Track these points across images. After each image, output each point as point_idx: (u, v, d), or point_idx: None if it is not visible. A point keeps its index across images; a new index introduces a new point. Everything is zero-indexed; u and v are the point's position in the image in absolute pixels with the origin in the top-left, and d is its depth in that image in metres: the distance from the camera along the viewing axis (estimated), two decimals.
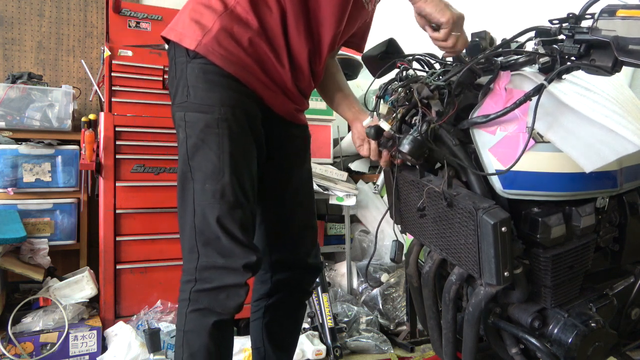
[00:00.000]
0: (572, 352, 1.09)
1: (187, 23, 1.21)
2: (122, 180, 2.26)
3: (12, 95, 2.41)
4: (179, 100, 1.20)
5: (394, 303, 2.58)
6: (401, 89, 1.17)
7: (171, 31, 1.23)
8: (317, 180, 2.68)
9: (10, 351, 1.97)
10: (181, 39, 1.20)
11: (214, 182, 1.16)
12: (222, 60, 1.17)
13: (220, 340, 1.19)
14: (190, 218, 1.18)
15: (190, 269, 1.19)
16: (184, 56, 1.19)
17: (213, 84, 1.17)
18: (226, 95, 1.18)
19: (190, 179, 1.18)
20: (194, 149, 1.18)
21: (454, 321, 1.24)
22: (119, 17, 2.45)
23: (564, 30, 1.05)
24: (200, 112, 1.17)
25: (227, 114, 1.17)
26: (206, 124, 1.16)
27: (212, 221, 1.15)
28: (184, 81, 1.19)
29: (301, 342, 2.15)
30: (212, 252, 1.17)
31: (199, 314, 1.17)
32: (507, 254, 1.02)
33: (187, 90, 1.19)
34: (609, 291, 1.25)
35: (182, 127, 1.20)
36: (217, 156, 1.16)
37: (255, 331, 1.48)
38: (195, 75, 1.18)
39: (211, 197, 1.16)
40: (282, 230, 1.44)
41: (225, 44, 1.17)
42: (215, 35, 1.17)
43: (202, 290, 1.17)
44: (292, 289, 1.47)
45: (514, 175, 1.09)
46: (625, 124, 1.03)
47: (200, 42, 1.17)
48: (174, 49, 1.23)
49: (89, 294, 2.22)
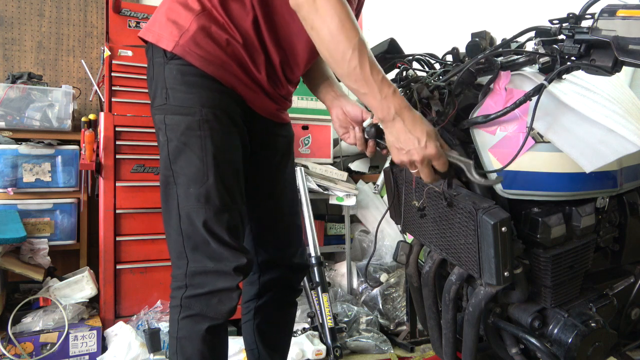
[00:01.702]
0: (572, 352, 1.09)
1: (164, 23, 1.17)
2: (122, 180, 2.26)
3: (12, 95, 2.41)
4: (158, 102, 1.18)
5: (394, 303, 2.58)
6: (401, 89, 1.17)
7: (148, 32, 1.20)
8: (317, 180, 2.68)
9: (10, 351, 1.97)
10: (158, 40, 1.17)
11: (198, 186, 1.13)
12: (201, 61, 1.14)
13: (215, 345, 1.18)
14: (176, 223, 1.15)
15: (179, 275, 1.16)
16: (162, 57, 1.16)
17: (192, 85, 1.14)
18: (206, 95, 1.14)
19: (173, 183, 1.15)
20: (176, 153, 1.15)
21: (454, 321, 1.24)
22: (119, 17, 2.45)
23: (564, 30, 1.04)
24: (181, 115, 1.14)
25: (209, 115, 1.14)
26: (187, 126, 1.13)
27: (199, 225, 1.12)
28: (162, 83, 1.16)
29: (301, 342, 2.16)
30: (201, 257, 1.14)
31: (191, 320, 1.15)
32: (507, 254, 1.02)
33: (165, 93, 1.16)
34: (609, 291, 1.25)
35: (162, 130, 1.17)
36: (200, 159, 1.13)
37: (247, 333, 1.47)
38: (174, 77, 1.15)
39: (196, 202, 1.13)
40: (268, 230, 1.42)
41: (203, 44, 1.14)
42: (193, 36, 1.14)
43: (194, 296, 1.15)
44: (281, 288, 1.46)
45: (514, 175, 1.09)
46: (625, 124, 1.03)
47: (178, 43, 1.14)
48: (151, 50, 1.20)
49: (89, 294, 2.22)
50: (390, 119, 1.00)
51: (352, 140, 1.24)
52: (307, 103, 2.82)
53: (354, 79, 0.99)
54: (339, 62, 0.99)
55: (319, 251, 2.35)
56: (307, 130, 2.84)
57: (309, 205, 2.48)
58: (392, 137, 1.02)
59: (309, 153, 2.84)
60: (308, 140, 2.84)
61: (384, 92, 0.99)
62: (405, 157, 1.01)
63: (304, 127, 2.83)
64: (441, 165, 1.01)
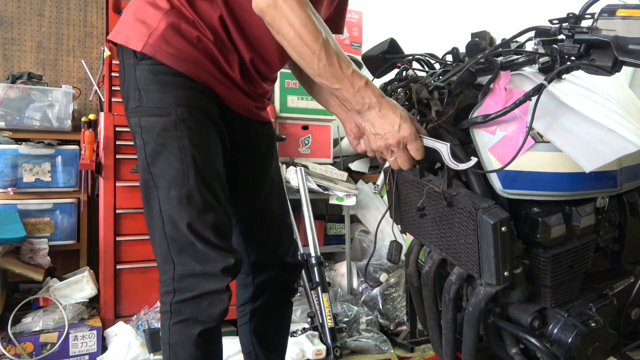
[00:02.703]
0: (572, 352, 1.09)
1: (132, 23, 1.15)
2: (122, 180, 2.26)
3: (12, 95, 2.41)
4: (132, 105, 1.15)
5: (394, 303, 2.58)
6: (401, 89, 1.17)
7: (117, 34, 1.18)
8: (317, 180, 2.68)
9: (10, 351, 1.97)
10: (127, 41, 1.14)
11: (179, 188, 1.10)
12: (172, 59, 1.11)
13: (208, 348, 1.16)
14: (159, 227, 1.12)
15: (167, 280, 1.14)
16: (132, 59, 1.14)
17: (165, 85, 1.12)
18: (180, 94, 1.12)
19: (153, 187, 1.13)
20: (154, 155, 1.12)
21: (454, 321, 1.24)
22: (119, 17, 2.43)
23: (564, 30, 1.04)
24: (156, 116, 1.12)
25: (185, 114, 1.11)
26: (163, 127, 1.11)
27: (183, 228, 1.10)
28: (135, 85, 1.13)
29: (301, 342, 2.16)
30: (187, 260, 1.11)
31: (182, 326, 1.12)
32: (507, 254, 1.02)
33: (139, 94, 1.13)
34: (609, 291, 1.25)
35: (138, 134, 1.14)
36: (179, 160, 1.10)
37: (244, 336, 1.45)
38: (145, 78, 1.12)
39: (178, 204, 1.10)
40: (258, 230, 1.40)
41: (173, 42, 1.12)
42: (162, 34, 1.11)
43: (183, 301, 1.12)
44: (276, 289, 1.44)
45: (514, 175, 1.09)
46: (625, 123, 1.03)
47: (147, 43, 1.11)
48: (121, 52, 1.17)
49: (89, 294, 2.22)
50: (365, 109, 1.03)
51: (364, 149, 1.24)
52: (307, 103, 2.82)
53: (326, 76, 1.01)
54: (309, 63, 1.01)
55: (319, 251, 2.35)
56: (307, 130, 2.84)
57: (309, 205, 2.48)
58: (368, 124, 1.05)
59: (309, 153, 2.84)
60: (308, 140, 2.84)
61: (356, 85, 1.01)
62: (382, 141, 1.04)
63: (304, 127, 2.83)
64: (417, 149, 1.03)
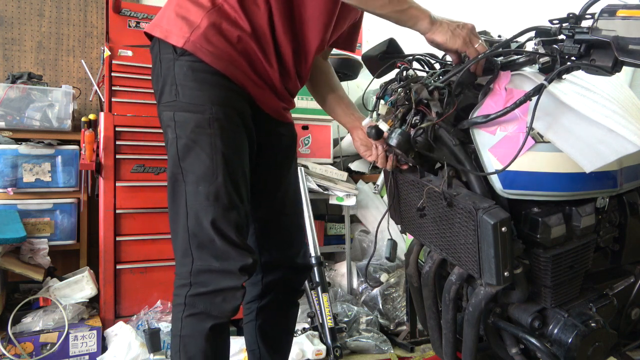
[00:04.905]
0: (572, 352, 1.09)
1: (173, 19, 1.17)
2: (122, 180, 2.26)
3: (12, 95, 2.41)
4: (167, 99, 1.17)
5: (394, 303, 2.58)
6: (401, 89, 1.16)
7: (156, 27, 1.20)
8: (317, 180, 2.68)
9: (10, 351, 1.97)
10: (167, 36, 1.16)
11: (208, 184, 1.13)
12: (211, 57, 1.14)
13: (218, 343, 1.18)
14: (183, 221, 1.15)
15: (184, 273, 1.16)
16: (171, 53, 1.16)
17: (202, 82, 1.14)
18: (216, 93, 1.15)
19: (181, 180, 1.15)
20: (185, 150, 1.15)
21: (454, 321, 1.24)
22: (119, 17, 2.44)
23: (564, 30, 1.05)
24: (191, 112, 1.14)
25: (219, 113, 1.14)
26: (197, 124, 1.13)
27: (207, 224, 1.12)
28: (172, 79, 1.16)
29: (301, 342, 2.16)
30: (206, 256, 1.14)
31: (195, 319, 1.15)
32: (507, 254, 1.02)
33: (175, 89, 1.15)
34: (609, 291, 1.25)
35: (171, 127, 1.17)
36: (210, 157, 1.13)
37: (249, 334, 1.47)
38: (184, 74, 1.15)
39: (205, 200, 1.13)
40: (272, 231, 1.42)
41: (214, 41, 1.14)
42: (204, 32, 1.14)
43: (198, 294, 1.14)
44: (283, 289, 1.45)
45: (514, 175, 1.09)
46: (625, 124, 1.03)
47: (188, 39, 1.14)
48: (158, 45, 1.19)
49: (89, 294, 2.22)
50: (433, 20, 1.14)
51: (374, 158, 1.26)
52: (307, 103, 2.82)
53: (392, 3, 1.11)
54: None
55: (319, 251, 2.35)
56: (307, 130, 2.84)
57: (309, 205, 2.48)
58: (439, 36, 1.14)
59: (309, 153, 2.84)
60: (308, 140, 2.84)
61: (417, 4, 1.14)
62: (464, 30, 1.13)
63: (304, 127, 2.83)
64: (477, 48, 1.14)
